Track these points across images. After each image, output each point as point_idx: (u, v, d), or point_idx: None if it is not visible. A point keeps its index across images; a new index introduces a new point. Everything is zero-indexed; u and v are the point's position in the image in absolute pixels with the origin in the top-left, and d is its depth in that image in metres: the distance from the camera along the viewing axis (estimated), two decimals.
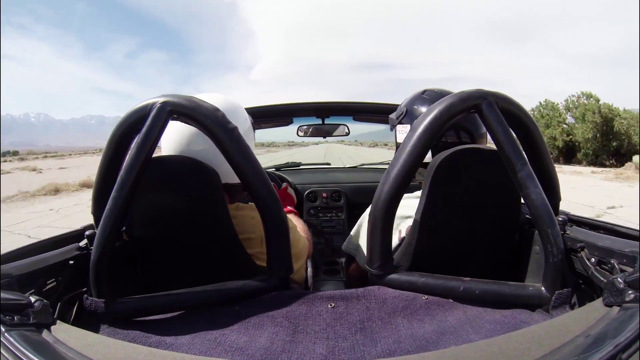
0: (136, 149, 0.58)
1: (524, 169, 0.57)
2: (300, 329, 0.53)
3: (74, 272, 0.65)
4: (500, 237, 0.73)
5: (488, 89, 0.62)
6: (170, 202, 0.67)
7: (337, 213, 1.66)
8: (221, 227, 0.67)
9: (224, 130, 0.61)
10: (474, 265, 0.71)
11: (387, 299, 0.59)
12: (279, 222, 0.64)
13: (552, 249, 0.55)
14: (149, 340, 0.51)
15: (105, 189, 0.62)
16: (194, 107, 0.60)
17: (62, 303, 0.63)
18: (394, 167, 0.62)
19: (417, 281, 0.61)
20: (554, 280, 0.56)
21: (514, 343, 0.40)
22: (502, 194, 0.68)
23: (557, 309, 0.54)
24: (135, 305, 0.58)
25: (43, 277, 0.59)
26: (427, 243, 0.69)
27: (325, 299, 0.59)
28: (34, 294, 0.54)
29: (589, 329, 0.41)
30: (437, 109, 0.61)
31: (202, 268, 0.70)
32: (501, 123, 0.59)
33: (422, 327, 0.53)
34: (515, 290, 0.58)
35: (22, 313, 0.45)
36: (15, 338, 0.40)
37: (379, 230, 0.63)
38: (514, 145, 0.59)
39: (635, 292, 0.43)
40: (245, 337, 0.52)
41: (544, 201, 0.56)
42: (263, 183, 0.62)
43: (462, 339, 0.49)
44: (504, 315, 0.54)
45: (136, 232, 0.69)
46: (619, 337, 0.37)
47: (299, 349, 0.49)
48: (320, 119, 1.71)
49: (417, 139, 0.61)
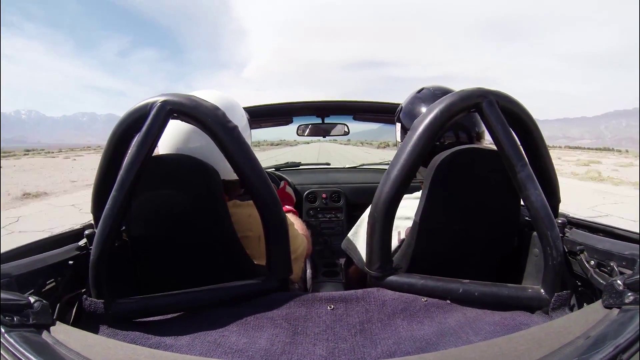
0: (136, 148, 0.58)
1: (524, 169, 0.57)
2: (299, 331, 0.53)
3: (74, 272, 0.64)
4: (499, 239, 0.73)
5: (488, 88, 0.62)
6: (170, 201, 0.67)
7: (336, 214, 1.66)
8: (221, 224, 0.67)
9: (225, 130, 0.61)
10: (474, 267, 0.71)
11: (386, 300, 0.59)
12: (278, 222, 0.64)
13: (551, 251, 0.55)
14: (149, 341, 0.51)
15: (105, 188, 0.62)
16: (194, 106, 0.60)
17: (62, 304, 0.63)
18: (394, 168, 0.62)
19: (417, 283, 0.61)
20: (553, 282, 0.56)
21: (514, 344, 0.40)
22: (502, 195, 0.68)
23: (557, 311, 0.54)
24: (134, 306, 0.58)
25: (42, 277, 0.59)
26: (427, 245, 0.68)
27: (325, 301, 0.59)
28: (33, 294, 0.54)
29: (588, 330, 0.41)
30: (438, 108, 0.61)
31: (201, 266, 0.70)
32: (501, 122, 0.59)
33: (421, 329, 0.53)
34: (514, 292, 0.58)
35: (22, 314, 0.45)
36: (15, 339, 0.40)
37: (378, 231, 0.63)
38: (514, 146, 0.59)
39: (635, 294, 0.43)
40: (245, 339, 0.52)
41: (543, 203, 0.56)
42: (263, 183, 0.62)
43: (461, 340, 0.49)
44: (504, 317, 0.54)
45: (136, 232, 0.69)
46: (618, 338, 0.37)
47: (298, 351, 0.49)
48: (320, 118, 1.71)
49: (418, 139, 0.61)
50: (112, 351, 0.42)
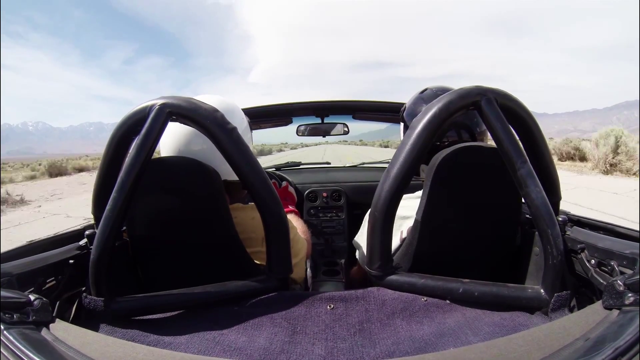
0: (136, 150, 0.58)
1: (524, 167, 0.57)
2: (299, 330, 0.53)
3: (74, 271, 0.65)
4: (501, 238, 0.73)
5: (487, 86, 0.61)
6: (172, 203, 0.67)
7: (337, 213, 1.66)
8: (222, 225, 0.67)
9: (224, 131, 0.61)
10: (475, 265, 0.71)
11: (386, 300, 0.59)
12: (279, 222, 0.63)
13: (551, 250, 0.55)
14: (148, 339, 0.51)
15: (105, 189, 0.62)
16: (193, 109, 0.60)
17: (62, 302, 0.63)
18: (394, 166, 0.62)
19: (417, 282, 0.61)
20: (553, 282, 0.55)
21: (514, 345, 0.40)
22: (503, 193, 0.67)
23: (556, 312, 0.54)
24: (133, 304, 0.58)
25: (43, 276, 0.59)
26: (428, 244, 0.68)
27: (325, 300, 0.59)
28: (33, 292, 0.54)
29: (588, 332, 0.41)
30: (436, 107, 0.60)
31: (202, 267, 0.70)
32: (500, 120, 0.59)
33: (421, 329, 0.52)
34: (514, 293, 0.58)
35: (22, 311, 0.45)
36: (14, 336, 0.40)
37: (379, 230, 0.62)
38: (514, 143, 0.58)
39: (635, 295, 0.42)
40: (244, 337, 0.52)
41: (544, 200, 0.56)
42: (263, 183, 0.62)
43: (460, 341, 0.49)
44: (503, 317, 0.54)
45: (137, 232, 0.70)
46: (618, 340, 0.36)
47: (297, 350, 0.49)
48: (320, 118, 1.71)
49: (417, 137, 0.61)
50: (110, 348, 0.42)
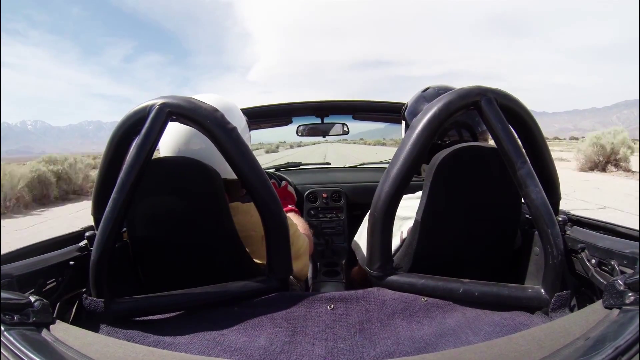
0: (136, 150, 0.58)
1: (524, 167, 0.57)
2: (299, 330, 0.53)
3: (74, 272, 0.65)
4: (501, 238, 0.73)
5: (487, 86, 0.61)
6: (172, 203, 0.67)
7: (337, 214, 1.65)
8: (222, 224, 0.67)
9: (224, 131, 0.61)
10: (476, 265, 0.71)
11: (386, 300, 0.59)
12: (278, 222, 0.63)
13: (551, 249, 0.55)
14: (148, 340, 0.51)
15: (105, 190, 0.62)
16: (192, 108, 0.60)
17: (62, 303, 0.63)
18: (394, 166, 0.62)
19: (417, 283, 0.61)
20: (553, 282, 0.55)
21: (514, 345, 0.40)
22: (503, 193, 0.67)
23: (557, 312, 0.54)
24: (134, 305, 0.58)
25: (43, 277, 0.59)
26: (428, 244, 0.68)
27: (325, 301, 0.59)
28: (33, 293, 0.54)
29: (588, 331, 0.41)
30: (436, 107, 0.60)
31: (202, 267, 0.70)
32: (500, 120, 0.59)
33: (421, 329, 0.52)
34: (514, 293, 0.58)
35: (22, 312, 0.45)
36: (14, 337, 0.40)
37: (378, 230, 0.62)
38: (514, 143, 0.58)
39: (635, 295, 0.42)
40: (244, 338, 0.52)
41: (544, 200, 0.56)
42: (263, 183, 0.62)
43: (461, 341, 0.49)
44: (503, 317, 0.54)
45: (137, 233, 0.70)
46: (618, 339, 0.36)
47: (297, 350, 0.49)
48: (320, 118, 1.71)
49: (417, 137, 0.61)
50: (110, 349, 0.42)
